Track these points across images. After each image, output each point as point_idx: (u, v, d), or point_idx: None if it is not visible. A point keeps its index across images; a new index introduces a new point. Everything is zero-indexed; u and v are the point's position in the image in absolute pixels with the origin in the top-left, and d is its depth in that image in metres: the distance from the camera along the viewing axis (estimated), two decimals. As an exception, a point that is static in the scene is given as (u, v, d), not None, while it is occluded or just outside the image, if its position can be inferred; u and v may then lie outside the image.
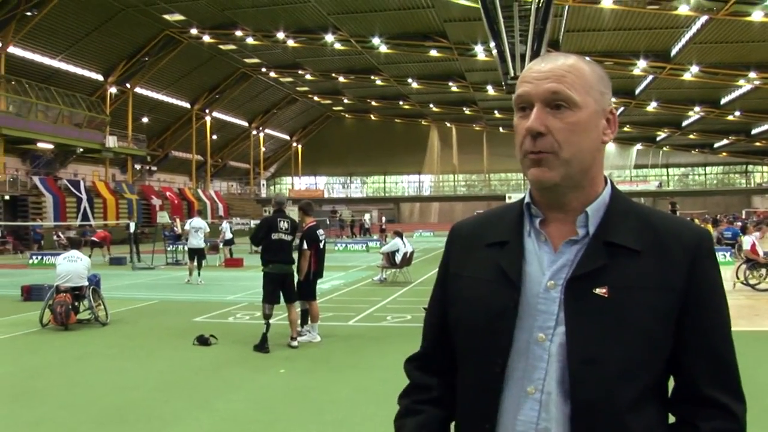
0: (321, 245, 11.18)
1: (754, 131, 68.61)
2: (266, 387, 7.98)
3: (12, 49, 41.49)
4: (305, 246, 10.78)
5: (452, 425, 1.78)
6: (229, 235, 28.07)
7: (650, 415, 1.53)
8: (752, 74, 45.46)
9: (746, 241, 17.01)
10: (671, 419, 1.61)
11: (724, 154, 78.88)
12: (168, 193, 56.99)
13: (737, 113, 58.47)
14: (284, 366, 9.01)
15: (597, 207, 1.59)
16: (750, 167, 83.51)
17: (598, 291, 1.50)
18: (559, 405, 1.50)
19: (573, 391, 1.48)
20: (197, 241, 20.22)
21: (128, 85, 52.41)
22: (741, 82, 48.07)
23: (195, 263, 19.98)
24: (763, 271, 16.40)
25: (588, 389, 1.47)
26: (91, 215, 44.39)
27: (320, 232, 11.22)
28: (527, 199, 1.66)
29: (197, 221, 21.08)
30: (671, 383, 1.61)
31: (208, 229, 21.84)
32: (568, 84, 1.54)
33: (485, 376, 1.58)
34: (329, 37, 46.17)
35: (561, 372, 1.50)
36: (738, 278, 16.32)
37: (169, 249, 28.34)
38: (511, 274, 1.58)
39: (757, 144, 72.67)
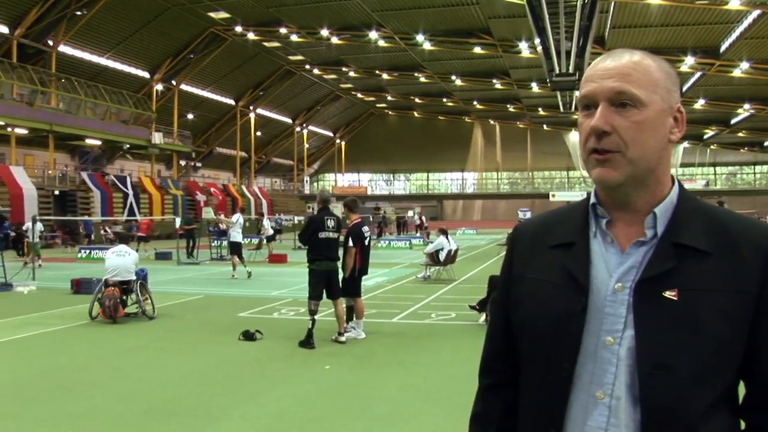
0: (366, 242, 11.19)
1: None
2: (312, 383, 7.99)
3: (62, 48, 42.36)
4: (350, 243, 10.80)
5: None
6: (270, 231, 28.25)
7: (722, 423, 1.49)
8: (807, 70, 44.60)
9: None
10: (741, 425, 1.57)
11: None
12: (212, 189, 57.56)
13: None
14: (329, 362, 9.01)
15: (665, 207, 1.55)
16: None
17: (667, 294, 1.46)
18: (628, 410, 1.46)
19: (643, 397, 1.44)
20: (239, 235, 20.79)
21: (174, 83, 53.14)
22: (794, 78, 47.17)
23: (237, 257, 20.37)
24: None
25: (659, 395, 1.43)
26: (137, 210, 45.09)
27: (365, 229, 11.23)
28: (593, 200, 1.62)
29: (237, 215, 21.77)
30: (741, 389, 1.56)
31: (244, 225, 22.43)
32: (633, 82, 1.51)
33: (552, 381, 1.55)
34: (373, 34, 46.32)
35: (630, 376, 1.46)
36: None
37: (213, 244, 28.59)
38: (579, 276, 1.55)
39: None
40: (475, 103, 71.35)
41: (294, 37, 48.62)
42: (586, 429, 1.50)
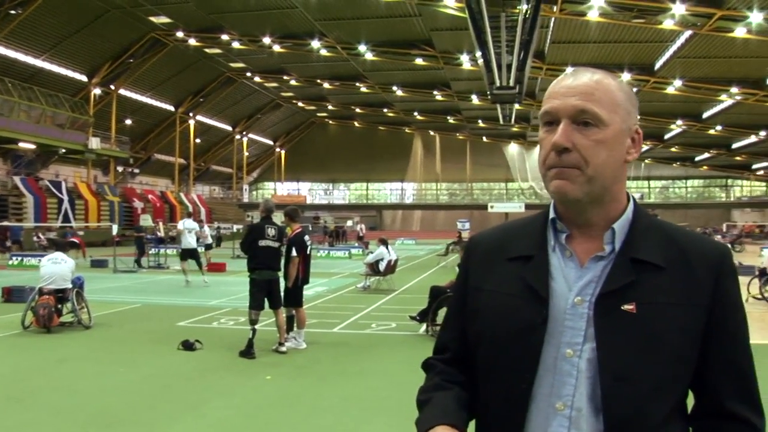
0: (308, 251, 11.17)
1: (734, 145, 69.49)
2: (254, 393, 7.92)
3: (-5, 48, 41.27)
4: (293, 253, 10.75)
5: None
6: (209, 240, 27.99)
7: (677, 430, 1.55)
8: (734, 89, 46.04)
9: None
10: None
11: (705, 167, 79.60)
12: (150, 196, 56.79)
13: (719, 127, 59.01)
14: (270, 372, 8.95)
15: (622, 224, 1.59)
16: (730, 181, 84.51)
17: (626, 307, 1.49)
18: (590, 421, 1.49)
19: (606, 408, 1.47)
20: (192, 241, 20.63)
21: (112, 87, 52.22)
22: (723, 96, 48.65)
23: (187, 264, 20.20)
24: None
25: (621, 406, 1.47)
26: (72, 217, 44.15)
27: (307, 238, 11.22)
28: (552, 214, 1.65)
29: (190, 222, 21.50)
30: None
31: (199, 230, 22.00)
32: (595, 101, 1.54)
33: (511, 392, 1.57)
34: (315, 43, 46.21)
35: (592, 388, 1.49)
36: (749, 292, 16.24)
37: (151, 252, 28.16)
38: (539, 289, 1.57)
39: (738, 158, 73.42)
40: (415, 114, 71.69)
41: (236, 44, 48.22)
42: None
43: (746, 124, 58.79)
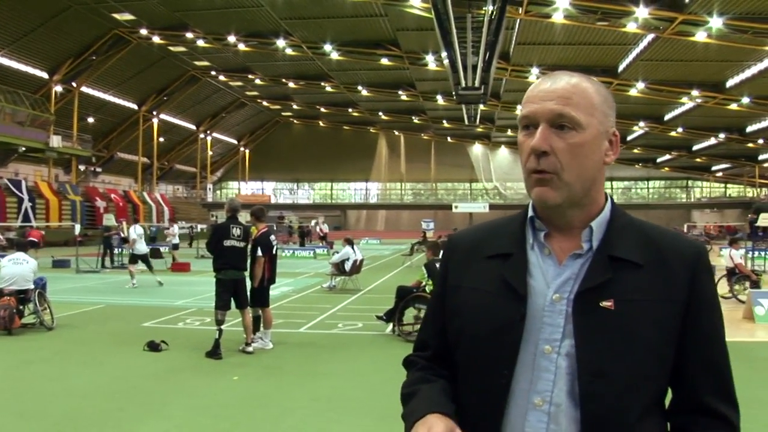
0: (274, 251, 11.13)
1: (695, 147, 70.66)
2: (221, 394, 7.85)
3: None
4: (259, 252, 10.70)
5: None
6: (176, 239, 27.82)
7: (655, 425, 1.58)
8: (695, 92, 46.90)
9: (736, 255, 17.33)
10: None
11: (666, 169, 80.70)
12: (113, 196, 56.17)
13: (680, 129, 59.95)
14: (237, 373, 8.89)
15: (600, 222, 1.62)
16: (690, 182, 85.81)
17: (604, 304, 1.52)
18: (569, 416, 1.51)
19: (584, 404, 1.49)
20: (142, 246, 20.74)
21: (74, 84, 51.52)
22: (684, 99, 49.44)
23: (137, 267, 20.29)
24: (747, 283, 16.75)
25: (599, 401, 1.49)
26: (32, 216, 43.53)
27: (272, 238, 11.18)
28: (530, 213, 1.67)
29: (140, 228, 21.66)
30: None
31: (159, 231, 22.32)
32: (573, 105, 1.57)
33: (490, 388, 1.58)
34: (281, 42, 46.03)
35: (570, 384, 1.51)
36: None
37: (115, 252, 27.85)
38: (518, 286, 1.59)
39: (698, 160, 74.69)
40: (380, 113, 71.78)
41: (200, 43, 47.86)
42: None
43: (706, 127, 59.82)
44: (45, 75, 49.26)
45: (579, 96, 1.58)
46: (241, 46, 47.35)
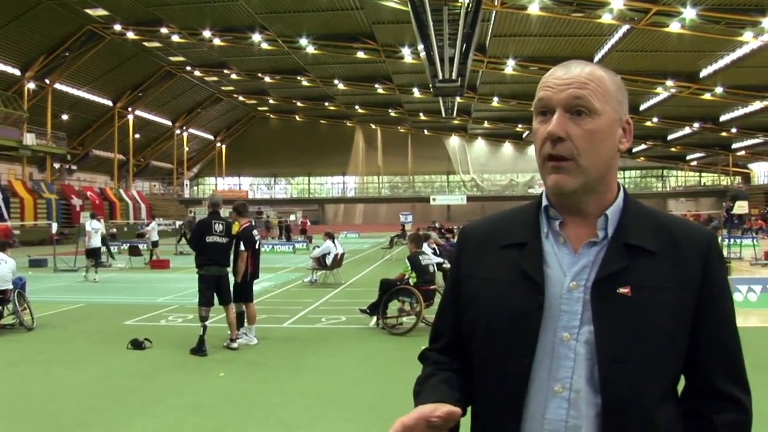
0: (257, 246, 11.09)
1: (669, 137, 71.27)
2: (207, 391, 7.82)
3: None
4: (242, 247, 10.66)
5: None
6: (155, 237, 27.66)
7: (672, 409, 1.59)
8: (669, 82, 47.32)
9: None
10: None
11: (642, 158, 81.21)
12: (89, 193, 55.75)
13: (655, 119, 60.36)
14: (223, 369, 8.86)
15: (614, 210, 1.63)
16: (666, 172, 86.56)
17: (621, 291, 1.53)
18: (589, 402, 1.52)
19: (604, 389, 1.51)
20: (96, 241, 21.31)
21: (47, 81, 50.92)
22: (659, 89, 49.81)
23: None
24: None
25: (619, 387, 1.50)
26: (7, 215, 43.12)
27: (255, 232, 11.14)
28: (545, 202, 1.68)
29: (96, 223, 22.00)
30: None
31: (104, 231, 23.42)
32: (589, 91, 1.58)
33: (510, 377, 1.59)
34: (256, 37, 45.78)
35: (589, 370, 1.53)
36: None
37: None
38: (535, 275, 1.60)
39: (673, 149, 75.32)
40: (356, 107, 71.71)
41: (175, 38, 47.49)
42: (545, 422, 1.55)
43: (680, 116, 60.36)
44: (17, 72, 48.64)
45: (595, 83, 1.59)
46: (217, 41, 47.13)
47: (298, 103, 72.83)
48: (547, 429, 1.55)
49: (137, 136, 67.22)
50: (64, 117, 56.42)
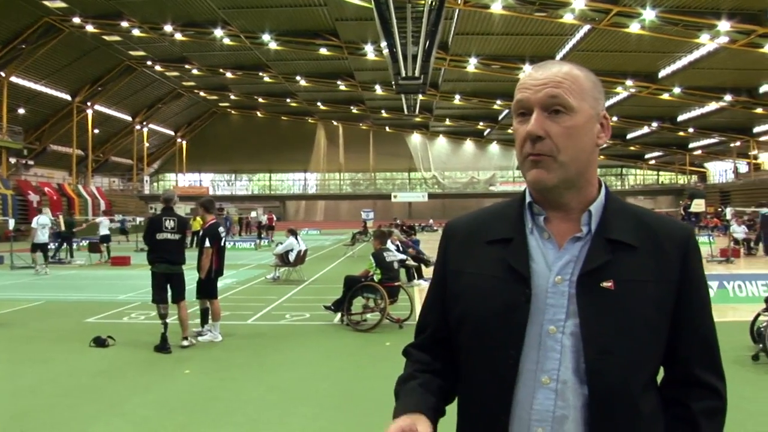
0: (222, 243, 11.03)
1: (629, 136, 72.32)
2: (173, 388, 7.76)
3: None
4: (207, 244, 10.59)
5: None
6: (105, 231, 27.21)
7: (654, 398, 1.67)
8: (629, 82, 48.07)
9: None
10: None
11: (602, 157, 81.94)
12: (47, 189, 54.90)
13: (614, 118, 60.96)
14: (189, 366, 8.79)
15: (597, 206, 1.68)
16: (625, 170, 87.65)
17: (605, 285, 1.59)
18: (576, 393, 1.57)
19: (590, 380, 1.56)
20: (43, 236, 21.79)
21: (3, 74, 49.95)
22: (618, 89, 50.45)
23: (38, 256, 21.41)
24: None
25: (604, 377, 1.56)
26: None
27: (221, 229, 11.07)
28: (528, 198, 1.73)
29: (44, 218, 22.33)
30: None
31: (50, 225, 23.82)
32: (565, 90, 1.63)
33: (498, 369, 1.64)
34: (218, 32, 45.48)
35: (576, 362, 1.58)
36: None
37: (50, 247, 27.21)
38: (522, 270, 1.65)
39: (632, 148, 76.43)
40: (318, 104, 71.66)
41: (136, 32, 46.96)
42: (533, 413, 1.60)
43: (640, 116, 61.37)
44: (-29, 65, 47.73)
45: (570, 81, 1.64)
46: (178, 36, 46.68)
47: (260, 99, 72.55)
48: (534, 419, 1.60)
49: (96, 131, 66.30)
50: (21, 111, 55.45)
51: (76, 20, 45.33)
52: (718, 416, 1.69)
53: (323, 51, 47.87)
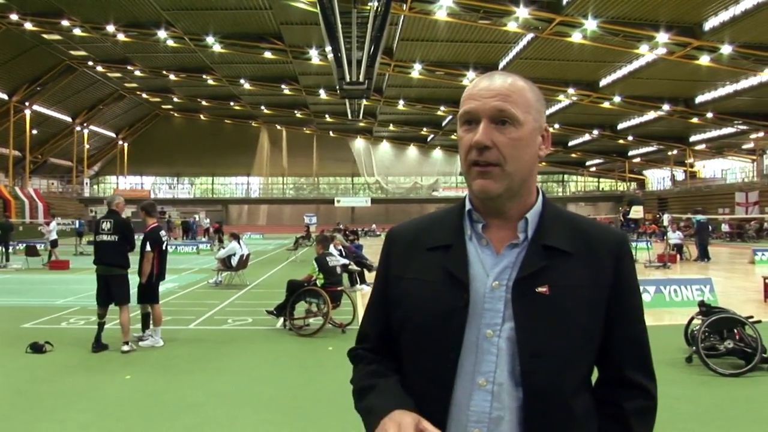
0: (164, 247, 10.94)
1: (570, 143, 73.41)
2: (113, 394, 7.65)
3: None
4: (148, 247, 10.50)
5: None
6: (54, 236, 26.87)
7: (587, 398, 1.74)
8: (571, 90, 48.80)
9: None
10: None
11: (544, 164, 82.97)
12: (-19, 190, 53.70)
13: (556, 126, 61.95)
14: (129, 371, 8.70)
15: (534, 213, 1.76)
16: (566, 177, 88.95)
17: (540, 290, 1.66)
18: (511, 394, 1.64)
19: (524, 382, 1.63)
20: None
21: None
22: (560, 97, 51.23)
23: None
24: None
25: (538, 379, 1.63)
26: None
27: (163, 233, 10.98)
28: (468, 206, 1.79)
29: None
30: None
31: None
32: (512, 102, 1.69)
33: (437, 371, 1.70)
34: (162, 33, 44.82)
35: (511, 365, 1.64)
36: None
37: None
38: (460, 275, 1.71)
39: (573, 155, 77.61)
40: (262, 107, 71.23)
41: (77, 31, 46.00)
42: (470, 414, 1.66)
43: (581, 124, 62.36)
44: None
45: (517, 94, 1.70)
46: (121, 36, 45.86)
47: (203, 102, 71.84)
48: (472, 420, 1.66)
49: (35, 132, 64.90)
50: (-45, 110, 54.12)
51: (14, 17, 44.21)
52: (649, 415, 1.77)
53: (268, 54, 47.54)
